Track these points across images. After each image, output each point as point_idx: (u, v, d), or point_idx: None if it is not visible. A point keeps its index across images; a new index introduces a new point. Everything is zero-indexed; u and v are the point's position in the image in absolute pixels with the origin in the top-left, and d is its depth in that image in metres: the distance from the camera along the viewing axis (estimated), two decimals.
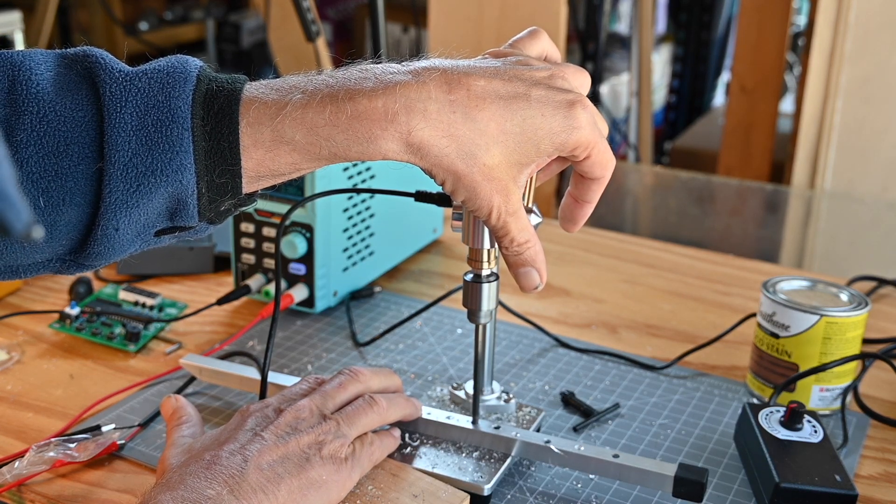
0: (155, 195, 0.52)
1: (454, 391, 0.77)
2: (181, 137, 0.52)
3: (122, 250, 0.55)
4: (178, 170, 0.52)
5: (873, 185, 1.56)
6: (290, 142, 0.54)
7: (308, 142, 0.54)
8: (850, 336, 0.78)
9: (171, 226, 0.55)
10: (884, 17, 1.48)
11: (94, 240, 0.53)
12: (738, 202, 1.93)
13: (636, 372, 0.87)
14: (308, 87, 0.55)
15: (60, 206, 0.51)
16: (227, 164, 0.53)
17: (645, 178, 2.15)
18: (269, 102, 0.54)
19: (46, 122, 0.51)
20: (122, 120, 0.51)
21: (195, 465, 0.59)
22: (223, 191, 0.54)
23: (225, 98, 0.53)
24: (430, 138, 0.54)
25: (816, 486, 0.66)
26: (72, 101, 0.52)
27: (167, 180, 0.52)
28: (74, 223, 0.52)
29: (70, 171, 0.51)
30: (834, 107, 1.54)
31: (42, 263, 0.55)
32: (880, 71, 1.50)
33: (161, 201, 0.53)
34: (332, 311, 0.96)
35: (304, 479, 0.60)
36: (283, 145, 0.54)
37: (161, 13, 2.97)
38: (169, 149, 0.51)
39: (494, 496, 0.68)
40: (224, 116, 0.53)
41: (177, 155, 0.52)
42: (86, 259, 0.55)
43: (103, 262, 0.56)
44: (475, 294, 0.68)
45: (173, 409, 0.70)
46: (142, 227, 0.54)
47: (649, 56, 2.48)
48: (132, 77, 0.53)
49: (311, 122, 0.54)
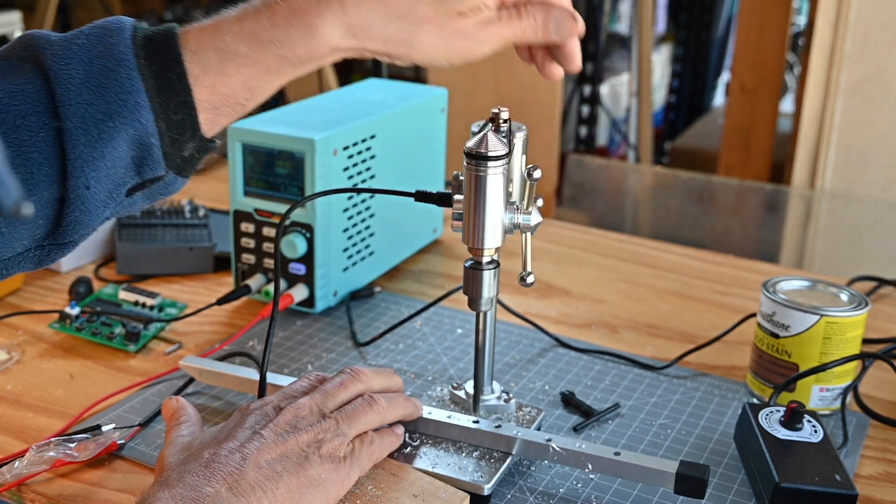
0: (117, 141, 0.53)
1: (454, 391, 0.77)
2: (130, 78, 0.53)
3: (98, 214, 0.55)
4: (135, 109, 0.53)
5: (873, 185, 1.56)
6: (235, 56, 0.56)
7: (253, 51, 0.56)
8: (850, 336, 0.78)
9: (140, 181, 0.56)
10: (883, 17, 1.48)
11: (69, 207, 0.53)
12: (738, 202, 1.93)
13: (636, 372, 0.87)
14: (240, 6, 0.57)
15: (32, 181, 0.52)
16: (181, 97, 0.54)
17: (645, 178, 2.15)
18: (206, 26, 0.56)
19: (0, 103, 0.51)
20: (69, 75, 0.52)
21: (194, 463, 0.59)
22: (182, 127, 0.55)
23: (163, 36, 0.55)
24: (367, 13, 0.57)
25: (816, 485, 0.66)
26: (18, 78, 0.53)
27: (126, 122, 0.52)
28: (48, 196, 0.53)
29: (32, 142, 0.52)
30: (834, 107, 1.54)
31: (22, 255, 0.56)
32: (880, 71, 1.50)
33: (125, 148, 0.53)
34: (332, 311, 0.96)
35: (303, 477, 0.60)
36: (230, 62, 0.56)
37: (161, 13, 2.97)
38: (121, 90, 0.52)
39: (494, 496, 0.68)
40: (166, 50, 0.54)
41: (130, 95, 0.52)
42: (64, 235, 0.55)
43: (81, 232, 0.56)
44: (476, 281, 0.68)
45: (173, 409, 0.70)
46: (112, 183, 0.54)
47: (649, 56, 2.48)
48: (69, 38, 0.54)
49: (251, 31, 0.56)
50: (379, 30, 0.58)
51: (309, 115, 0.93)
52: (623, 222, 2.03)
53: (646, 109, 2.53)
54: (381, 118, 0.96)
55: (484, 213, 0.67)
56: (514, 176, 0.69)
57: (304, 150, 0.87)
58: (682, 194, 1.98)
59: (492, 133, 0.66)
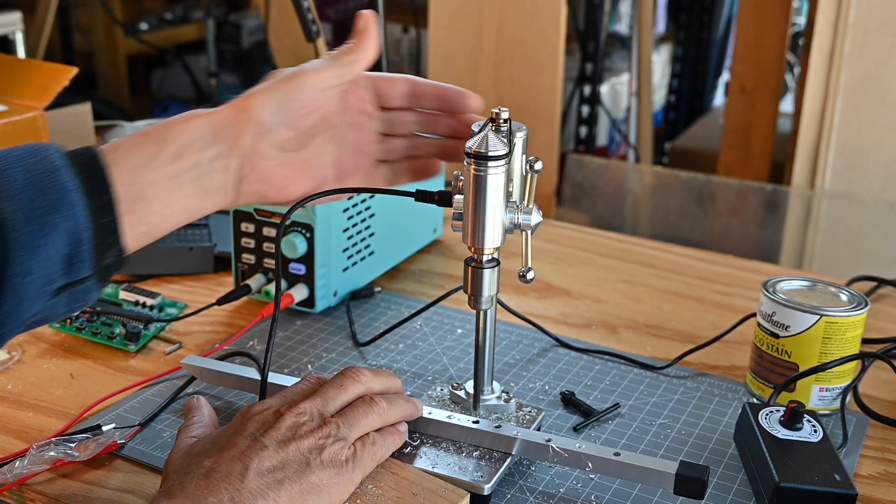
0: (57, 234, 0.57)
1: (454, 391, 0.77)
2: (66, 179, 0.58)
3: (30, 307, 0.58)
4: (72, 205, 0.58)
5: (873, 185, 1.56)
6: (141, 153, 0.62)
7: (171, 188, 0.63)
8: (850, 336, 0.78)
9: (68, 281, 0.59)
10: (883, 17, 1.48)
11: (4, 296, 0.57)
12: (738, 202, 1.93)
13: (636, 372, 0.87)
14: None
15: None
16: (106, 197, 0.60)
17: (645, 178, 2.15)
18: (121, 140, 0.63)
19: None
20: (13, 178, 0.57)
21: (195, 473, 0.59)
22: (108, 230, 0.60)
23: (83, 149, 0.61)
24: None
25: (816, 485, 0.66)
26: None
27: (65, 217, 0.58)
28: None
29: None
30: (833, 107, 1.54)
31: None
32: (880, 71, 1.50)
33: (61, 243, 0.58)
34: (332, 311, 0.96)
35: (305, 483, 0.60)
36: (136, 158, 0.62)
37: (161, 13, 2.97)
38: (60, 189, 0.58)
39: (494, 496, 0.68)
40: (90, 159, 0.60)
41: (68, 193, 0.58)
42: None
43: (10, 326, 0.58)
44: (476, 279, 0.68)
45: (188, 408, 0.70)
46: (44, 278, 0.58)
47: (649, 56, 2.48)
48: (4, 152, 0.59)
49: None
50: None
51: None
52: (623, 222, 2.03)
53: (646, 109, 2.53)
54: None
55: (484, 213, 0.67)
56: (514, 176, 0.69)
57: None
58: (682, 194, 1.98)
59: (492, 133, 0.66)
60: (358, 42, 0.68)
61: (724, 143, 2.09)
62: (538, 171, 0.67)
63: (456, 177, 0.69)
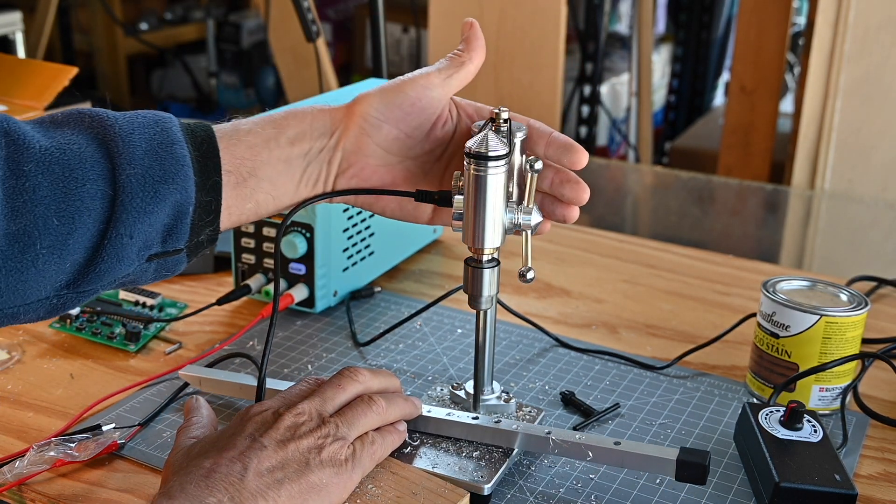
0: (165, 203, 0.60)
1: (454, 391, 0.77)
2: (182, 153, 0.61)
3: (125, 267, 0.61)
4: (184, 178, 0.61)
5: (873, 185, 1.56)
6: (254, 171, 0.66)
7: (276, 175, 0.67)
8: (850, 336, 0.78)
9: (162, 250, 0.62)
10: (883, 17, 1.48)
11: (104, 252, 0.59)
12: (737, 202, 1.93)
13: (636, 372, 0.87)
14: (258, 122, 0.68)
15: (72, 224, 0.58)
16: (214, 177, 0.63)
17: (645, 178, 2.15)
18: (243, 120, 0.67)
19: (48, 153, 0.59)
20: (134, 144, 0.60)
21: (195, 473, 0.59)
22: (209, 209, 0.63)
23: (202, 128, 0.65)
24: None
25: (816, 485, 0.66)
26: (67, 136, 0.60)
27: (176, 188, 0.61)
28: (83, 242, 0.59)
29: (78, 191, 0.58)
30: (833, 107, 1.54)
31: (40, 302, 0.61)
32: (879, 71, 1.50)
33: (167, 212, 0.61)
34: (332, 311, 0.96)
35: (305, 483, 0.60)
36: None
37: (161, 13, 2.97)
38: (175, 161, 0.61)
39: (494, 496, 0.68)
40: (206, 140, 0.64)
41: (182, 167, 0.61)
42: (87, 282, 0.61)
43: (103, 281, 0.61)
44: (476, 279, 0.68)
45: (188, 409, 0.71)
46: (143, 242, 0.61)
47: (649, 56, 2.48)
48: (130, 116, 0.63)
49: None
50: None
51: None
52: (623, 222, 2.03)
53: (646, 109, 2.53)
54: None
55: (484, 213, 0.67)
56: (514, 176, 0.69)
57: None
58: (682, 194, 1.98)
59: (492, 133, 0.66)
60: (465, 47, 0.70)
61: (724, 143, 2.09)
62: (538, 171, 0.67)
63: (456, 177, 0.69)
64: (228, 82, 2.92)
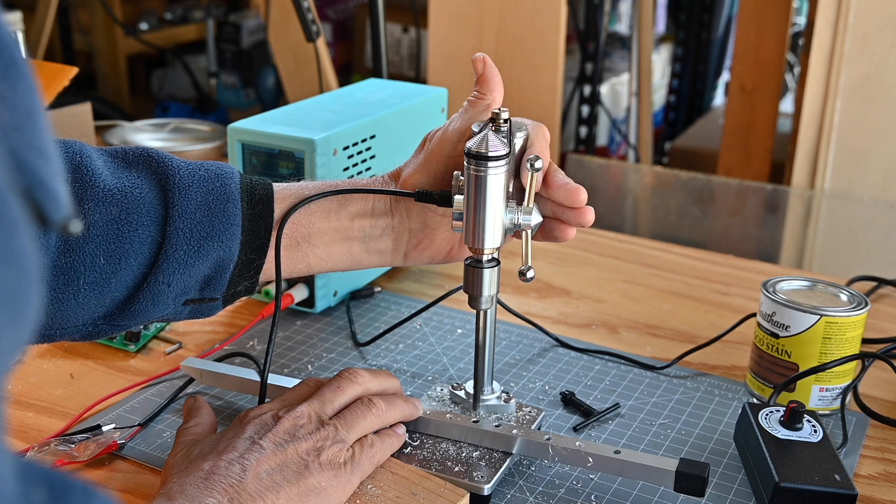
0: (207, 259, 0.63)
1: (454, 391, 0.77)
2: (235, 213, 0.64)
3: (161, 309, 0.64)
4: (231, 238, 0.63)
5: (873, 185, 1.56)
6: None
7: None
8: (850, 336, 0.78)
9: (199, 297, 0.65)
10: (883, 17, 1.48)
11: (142, 294, 0.62)
12: (737, 202, 1.93)
13: (636, 372, 0.87)
14: None
15: (118, 265, 0.61)
16: (261, 240, 0.65)
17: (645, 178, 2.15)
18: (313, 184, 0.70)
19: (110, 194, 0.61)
20: (190, 197, 0.63)
21: (194, 475, 0.59)
22: (250, 267, 0.65)
23: (262, 188, 0.67)
24: None
25: (816, 485, 0.66)
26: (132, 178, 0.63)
27: (221, 246, 0.63)
28: (127, 281, 0.62)
29: (130, 234, 0.61)
30: (833, 107, 1.54)
31: (76, 328, 0.63)
32: (880, 71, 1.50)
33: (208, 266, 0.63)
34: (332, 311, 0.96)
35: (304, 486, 0.60)
36: None
37: (161, 13, 2.97)
38: (226, 220, 0.63)
39: (494, 496, 0.68)
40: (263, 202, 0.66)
41: (231, 227, 0.64)
42: (123, 318, 0.63)
43: (138, 319, 0.64)
44: (476, 279, 0.68)
45: (187, 409, 0.71)
46: (181, 289, 0.63)
47: (649, 56, 2.48)
48: (193, 167, 0.65)
49: None
50: None
51: (309, 116, 0.93)
52: (623, 222, 2.03)
53: (646, 109, 2.53)
54: (381, 118, 0.96)
55: (484, 213, 0.67)
56: (514, 176, 0.69)
57: (304, 150, 0.87)
58: (682, 194, 1.98)
59: (492, 133, 0.66)
60: (483, 88, 0.71)
61: (724, 143, 2.09)
62: (539, 170, 0.67)
63: (456, 177, 0.69)
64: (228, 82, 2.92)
